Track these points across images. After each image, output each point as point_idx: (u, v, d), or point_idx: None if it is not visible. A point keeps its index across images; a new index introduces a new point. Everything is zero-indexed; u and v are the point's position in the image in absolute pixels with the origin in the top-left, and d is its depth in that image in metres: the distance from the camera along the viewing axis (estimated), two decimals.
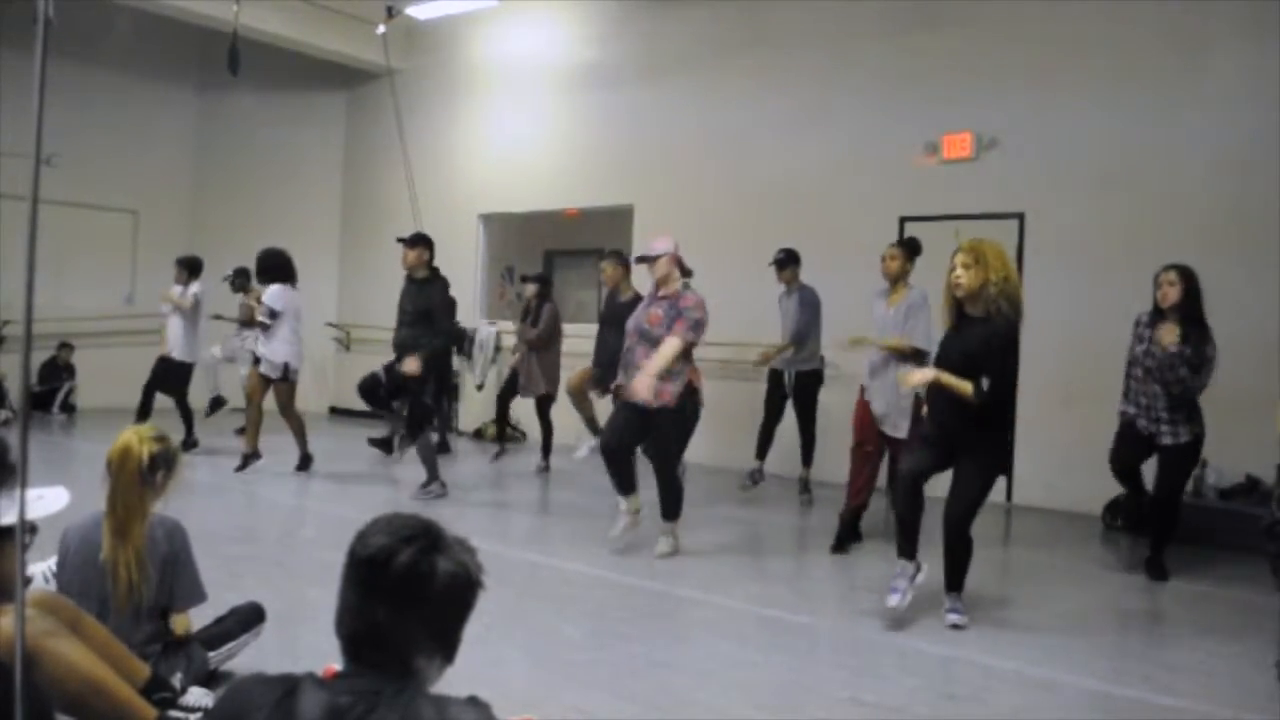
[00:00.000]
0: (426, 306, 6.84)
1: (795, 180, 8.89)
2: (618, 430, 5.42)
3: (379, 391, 6.97)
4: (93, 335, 11.38)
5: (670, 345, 5.18)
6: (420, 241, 6.98)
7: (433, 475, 6.92)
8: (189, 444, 8.39)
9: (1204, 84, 7.09)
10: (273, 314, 7.45)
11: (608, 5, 10.38)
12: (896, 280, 5.71)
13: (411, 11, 10.69)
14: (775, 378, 7.30)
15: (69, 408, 11.11)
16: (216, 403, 9.76)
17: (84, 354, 11.16)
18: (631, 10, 10.18)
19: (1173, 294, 5.29)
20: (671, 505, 5.49)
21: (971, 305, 4.24)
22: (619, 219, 10.39)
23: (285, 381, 7.50)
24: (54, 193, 9.54)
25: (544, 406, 8.34)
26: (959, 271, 4.21)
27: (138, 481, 2.96)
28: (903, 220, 8.27)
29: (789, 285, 7.25)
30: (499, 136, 11.27)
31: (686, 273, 5.49)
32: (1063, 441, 7.17)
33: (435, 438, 7.93)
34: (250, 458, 7.56)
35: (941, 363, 4.29)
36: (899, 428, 5.51)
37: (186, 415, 8.63)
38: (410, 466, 7.35)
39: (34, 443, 1.69)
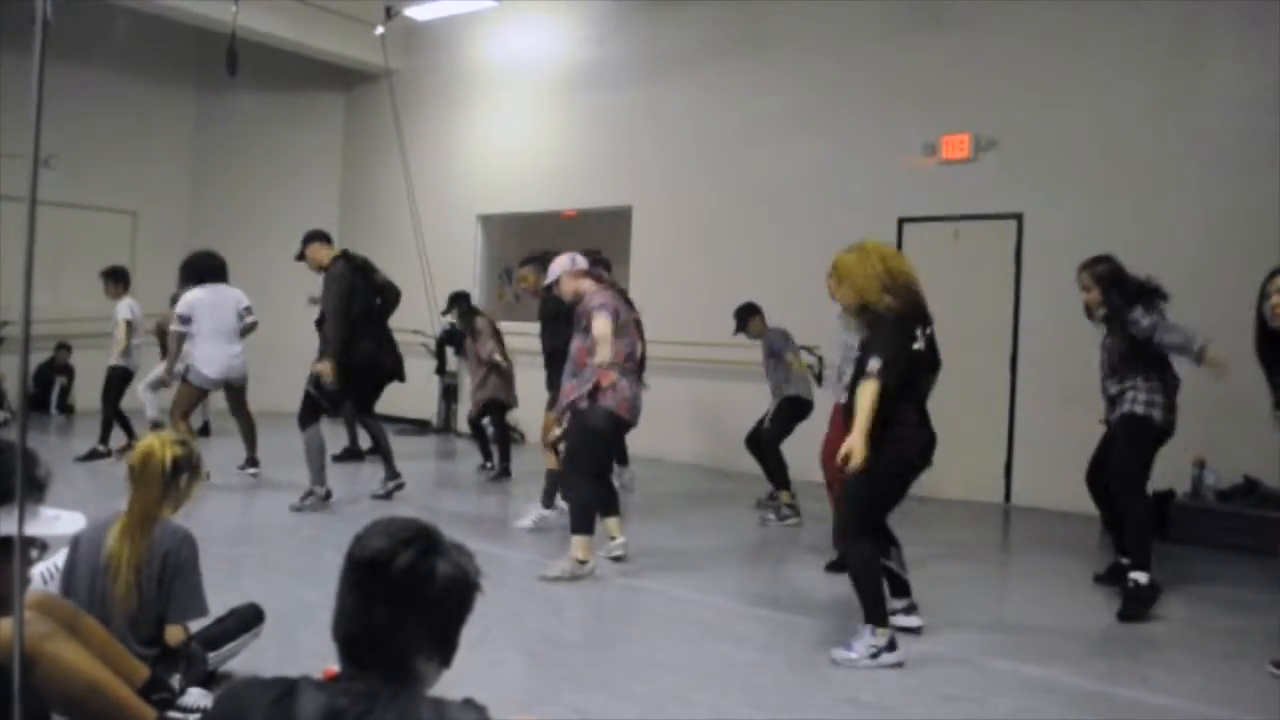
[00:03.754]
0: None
1: (793, 181, 8.89)
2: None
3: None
4: (91, 336, 11.35)
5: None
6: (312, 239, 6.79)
7: (317, 481, 6.44)
8: (101, 453, 7.99)
9: (1204, 84, 7.10)
10: (184, 320, 7.12)
11: (607, 5, 10.38)
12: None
13: (410, 12, 10.69)
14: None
15: (67, 409, 11.11)
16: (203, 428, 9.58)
17: (82, 355, 11.14)
18: (631, 10, 10.17)
19: (1091, 299, 5.05)
20: (572, 516, 5.06)
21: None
22: (617, 220, 10.38)
23: (184, 383, 7.22)
24: (53, 193, 9.53)
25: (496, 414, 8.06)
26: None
27: (160, 486, 2.99)
28: (901, 221, 8.27)
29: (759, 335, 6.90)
30: (497, 137, 11.27)
31: (600, 277, 5.22)
32: (1061, 442, 7.15)
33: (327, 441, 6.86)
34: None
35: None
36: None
37: (107, 421, 8.11)
38: (411, 468, 7.32)
39: (32, 444, 1.69)
